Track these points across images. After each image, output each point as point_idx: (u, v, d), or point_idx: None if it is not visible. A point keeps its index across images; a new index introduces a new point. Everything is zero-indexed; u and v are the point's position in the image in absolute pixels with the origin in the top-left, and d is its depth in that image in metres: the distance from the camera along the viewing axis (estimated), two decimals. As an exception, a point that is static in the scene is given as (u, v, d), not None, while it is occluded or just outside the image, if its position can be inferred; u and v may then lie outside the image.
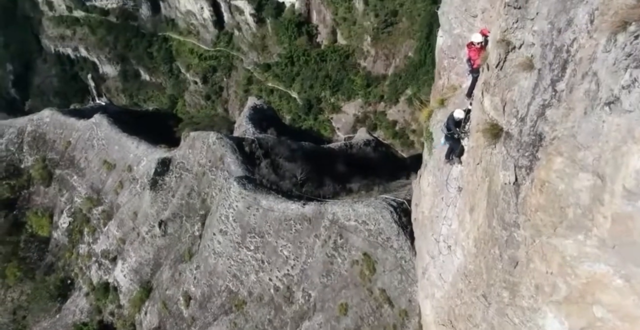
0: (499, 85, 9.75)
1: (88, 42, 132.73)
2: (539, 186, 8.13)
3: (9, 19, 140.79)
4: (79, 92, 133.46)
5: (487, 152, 10.53)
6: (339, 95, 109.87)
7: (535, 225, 8.39)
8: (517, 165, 8.89)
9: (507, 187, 9.23)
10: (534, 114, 8.32)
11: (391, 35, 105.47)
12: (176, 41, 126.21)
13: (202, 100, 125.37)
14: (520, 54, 8.95)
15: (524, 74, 8.73)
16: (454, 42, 16.59)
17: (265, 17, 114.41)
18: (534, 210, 8.31)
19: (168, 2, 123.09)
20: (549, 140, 7.89)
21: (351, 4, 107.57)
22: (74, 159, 52.72)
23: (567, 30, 7.53)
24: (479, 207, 11.16)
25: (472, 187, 11.90)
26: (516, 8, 8.98)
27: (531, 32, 8.54)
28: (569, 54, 7.47)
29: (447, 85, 17.07)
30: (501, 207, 9.50)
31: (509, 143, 9.18)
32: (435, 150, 17.45)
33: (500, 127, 9.78)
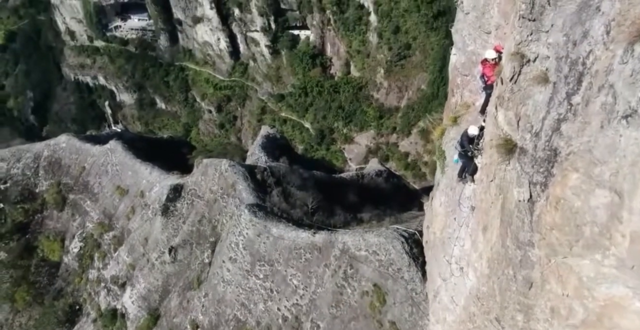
0: (513, 99, 9.58)
1: (107, 70, 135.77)
2: (554, 203, 7.87)
3: (32, 49, 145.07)
4: (95, 119, 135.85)
5: (500, 169, 10.31)
6: (352, 126, 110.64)
7: (550, 244, 8.15)
8: (531, 182, 8.64)
9: (521, 205, 8.98)
10: (548, 128, 8.12)
11: (404, 68, 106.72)
12: (192, 71, 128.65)
13: (216, 129, 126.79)
14: (535, 67, 8.77)
15: (538, 88, 8.56)
16: (468, 59, 16.48)
17: (281, 48, 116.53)
18: (549, 228, 8.07)
19: (186, 33, 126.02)
20: (564, 155, 7.69)
21: (365, 37, 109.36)
22: (88, 184, 53.24)
23: (582, 42, 7.39)
24: (492, 226, 10.88)
25: (485, 206, 11.63)
26: (531, 20, 8.84)
27: (546, 44, 8.40)
28: (585, 67, 7.32)
29: (460, 103, 16.93)
30: (515, 226, 9.24)
31: (523, 159, 8.95)
32: (447, 169, 17.24)
33: (514, 143, 9.55)
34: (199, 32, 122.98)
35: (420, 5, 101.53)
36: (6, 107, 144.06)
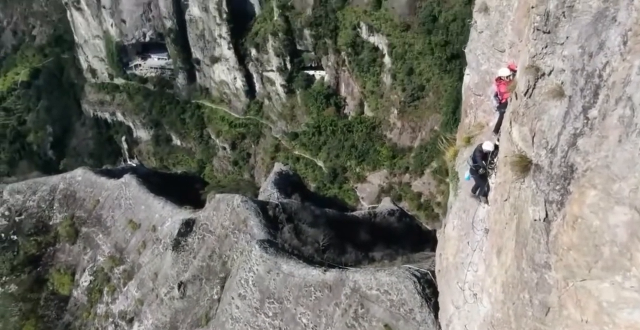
0: (528, 114, 9.31)
1: (125, 107, 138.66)
2: (571, 222, 7.55)
3: (54, 86, 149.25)
4: (112, 154, 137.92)
5: (515, 187, 9.96)
6: (364, 165, 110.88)
7: (568, 266, 7.76)
8: (547, 200, 8.30)
9: (537, 224, 8.61)
10: (564, 144, 7.87)
11: (417, 109, 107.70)
12: (208, 109, 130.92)
13: (230, 165, 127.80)
14: (550, 81, 8.50)
15: (553, 102, 8.27)
16: (481, 78, 16.26)
17: (295, 88, 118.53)
18: (566, 249, 7.67)
19: (204, 72, 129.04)
20: (581, 171, 7.41)
21: (379, 78, 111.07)
22: (101, 218, 53.58)
23: (598, 54, 7.20)
24: (506, 247, 10.51)
25: (500, 227, 11.24)
26: (545, 32, 8.58)
27: (561, 57, 8.21)
28: (601, 79, 7.11)
29: (473, 124, 16.59)
30: (531, 247, 8.86)
31: (539, 176, 8.62)
32: (460, 191, 16.84)
33: (529, 160, 9.18)
34: (216, 71, 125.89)
35: (435, 48, 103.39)
36: (26, 141, 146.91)
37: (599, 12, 7.28)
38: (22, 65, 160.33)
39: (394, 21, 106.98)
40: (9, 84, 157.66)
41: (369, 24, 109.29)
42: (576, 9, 7.73)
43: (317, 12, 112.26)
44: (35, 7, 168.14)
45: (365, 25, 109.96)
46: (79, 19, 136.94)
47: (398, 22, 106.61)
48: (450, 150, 18.37)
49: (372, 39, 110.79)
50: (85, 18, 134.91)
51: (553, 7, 8.23)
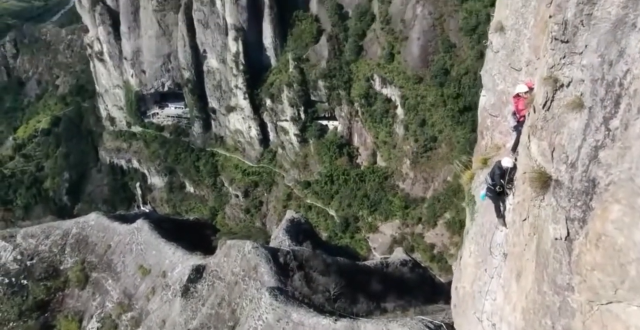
0: (547, 128, 8.98)
1: (141, 154, 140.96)
2: (594, 240, 7.14)
3: (74, 133, 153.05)
4: (125, 200, 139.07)
5: (534, 205, 9.48)
6: (377, 215, 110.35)
7: (592, 288, 7.28)
8: (568, 218, 7.85)
9: (558, 244, 8.17)
10: (585, 157, 7.52)
11: (430, 160, 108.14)
12: (222, 156, 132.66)
13: (242, 213, 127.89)
14: (569, 92, 8.29)
15: (573, 115, 8.00)
16: (498, 99, 16.00)
17: (309, 137, 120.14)
18: (590, 269, 7.24)
19: (219, 121, 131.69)
20: (603, 186, 7.02)
21: (392, 129, 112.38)
22: (112, 263, 53.39)
23: (619, 62, 6.94)
24: (526, 270, 9.94)
25: (519, 250, 10.71)
26: (563, 42, 8.39)
27: (580, 67, 7.95)
28: (622, 88, 6.82)
29: (490, 145, 16.24)
30: (552, 268, 8.35)
31: (559, 192, 8.24)
32: (477, 215, 16.30)
33: (548, 175, 8.81)
34: (232, 120, 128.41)
35: (447, 100, 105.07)
36: (42, 187, 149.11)
37: (618, 19, 7.12)
38: (44, 114, 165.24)
39: (407, 74, 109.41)
40: (31, 131, 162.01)
41: (382, 76, 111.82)
42: (595, 17, 7.55)
43: (331, 65, 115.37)
44: (60, 59, 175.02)
45: (379, 77, 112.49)
46: (101, 70, 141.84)
47: (411, 74, 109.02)
48: (467, 173, 17.95)
49: (385, 91, 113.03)
50: (107, 69, 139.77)
51: (571, 16, 8.07)
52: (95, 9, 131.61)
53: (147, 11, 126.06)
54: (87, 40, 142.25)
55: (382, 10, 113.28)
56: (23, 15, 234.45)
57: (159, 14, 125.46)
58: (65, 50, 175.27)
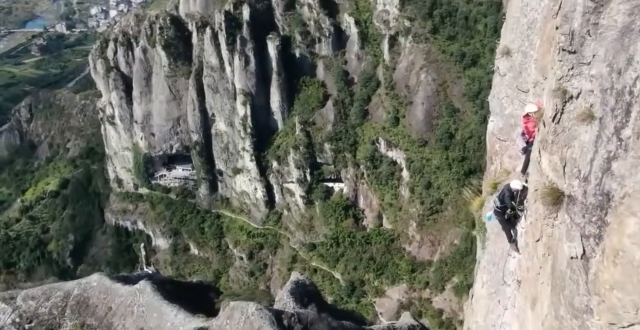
0: (557, 142, 8.72)
1: (147, 216, 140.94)
2: (611, 257, 6.73)
3: (81, 195, 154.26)
4: (129, 262, 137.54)
5: (547, 224, 9.10)
6: (383, 278, 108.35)
7: (612, 308, 6.81)
8: (583, 235, 7.48)
9: (574, 263, 7.77)
10: (598, 170, 7.28)
11: (436, 222, 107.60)
12: (228, 218, 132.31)
13: (246, 276, 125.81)
14: (579, 104, 8.01)
15: (584, 127, 7.72)
16: (506, 123, 15.77)
17: (315, 199, 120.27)
18: (609, 288, 6.78)
19: (225, 182, 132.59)
20: (618, 199, 6.75)
21: (397, 191, 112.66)
22: (112, 326, 52.02)
23: (627, 70, 6.82)
24: (542, 295, 9.39)
25: (533, 275, 10.19)
26: (571, 52, 8.24)
27: (588, 78, 7.82)
28: (632, 96, 6.69)
29: (499, 170, 15.92)
30: (569, 290, 7.85)
31: (572, 208, 7.88)
32: (488, 243, 15.77)
33: (561, 191, 8.46)
34: (238, 182, 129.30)
35: (452, 163, 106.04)
36: (46, 249, 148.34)
37: (624, 26, 7.05)
38: (53, 176, 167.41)
39: (412, 137, 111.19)
40: (39, 193, 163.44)
41: (388, 139, 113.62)
42: (601, 25, 7.51)
43: (337, 128, 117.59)
44: (73, 123, 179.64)
45: (384, 141, 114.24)
46: (111, 133, 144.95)
47: (415, 138, 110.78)
48: (477, 200, 17.34)
49: (390, 154, 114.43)
50: (117, 132, 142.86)
51: (578, 26, 8.00)
52: (109, 75, 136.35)
53: (159, 77, 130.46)
54: (100, 104, 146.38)
55: (386, 77, 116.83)
56: (40, 82, 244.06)
57: (171, 80, 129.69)
58: (78, 115, 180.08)
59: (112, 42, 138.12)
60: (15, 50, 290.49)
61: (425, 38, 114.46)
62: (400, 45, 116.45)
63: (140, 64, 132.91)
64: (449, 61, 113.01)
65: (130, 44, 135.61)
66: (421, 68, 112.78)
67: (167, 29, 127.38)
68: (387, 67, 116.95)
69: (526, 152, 12.25)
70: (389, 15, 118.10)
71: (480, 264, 16.98)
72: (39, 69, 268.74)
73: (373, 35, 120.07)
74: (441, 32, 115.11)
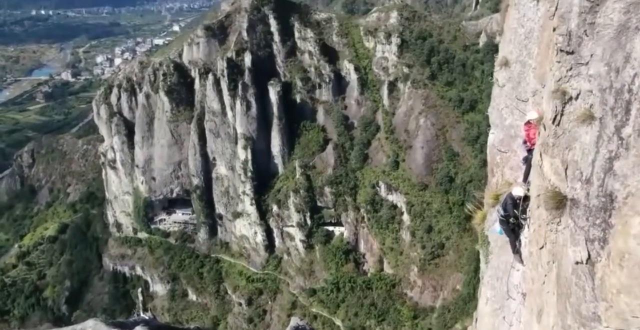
0: (558, 144, 8.65)
1: (145, 261, 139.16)
2: (617, 260, 6.62)
3: (79, 240, 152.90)
4: (125, 308, 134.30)
5: (551, 230, 8.94)
6: (385, 325, 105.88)
7: (619, 314, 6.59)
8: (588, 239, 7.40)
9: (579, 269, 7.57)
10: (600, 170, 7.21)
11: (438, 267, 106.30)
12: (227, 263, 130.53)
13: (245, 323, 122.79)
14: (578, 105, 8.08)
15: (584, 128, 7.78)
16: (506, 134, 15.72)
17: (315, 243, 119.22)
18: (616, 292, 6.65)
19: (225, 226, 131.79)
20: (621, 199, 6.64)
21: (398, 235, 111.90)
22: (105, 371, 50.51)
23: (625, 68, 6.82)
24: (548, 305, 9.11)
25: (538, 285, 9.91)
26: (569, 53, 8.26)
27: (587, 78, 7.82)
28: (631, 93, 6.67)
29: (501, 182, 15.74)
30: (575, 297, 7.64)
31: (576, 212, 7.82)
32: (492, 257, 15.43)
33: (563, 195, 8.36)
34: (238, 226, 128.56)
35: (452, 207, 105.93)
36: (42, 296, 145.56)
37: (621, 24, 7.08)
38: (52, 221, 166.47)
39: (412, 181, 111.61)
40: (37, 239, 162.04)
41: (388, 183, 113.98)
42: (598, 24, 7.54)
43: (337, 172, 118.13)
44: (74, 167, 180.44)
45: (384, 184, 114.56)
46: (112, 177, 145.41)
47: (416, 181, 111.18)
48: (479, 213, 17.04)
49: (390, 197, 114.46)
50: (118, 176, 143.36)
51: (575, 26, 8.06)
52: (112, 119, 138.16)
53: (162, 121, 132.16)
54: (102, 149, 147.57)
55: (386, 121, 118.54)
56: (44, 128, 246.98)
57: (172, 124, 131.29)
58: (80, 160, 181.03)
59: (116, 88, 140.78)
60: (21, 97, 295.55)
61: (424, 84, 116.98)
62: (399, 90, 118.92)
63: (143, 109, 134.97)
64: (448, 106, 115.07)
65: (134, 89, 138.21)
66: (420, 113, 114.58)
67: (170, 75, 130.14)
68: (387, 112, 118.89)
69: (527, 162, 12.22)
70: (388, 62, 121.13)
71: (483, 279, 16.66)
72: (43, 115, 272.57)
73: (372, 81, 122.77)
74: (439, 78, 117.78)
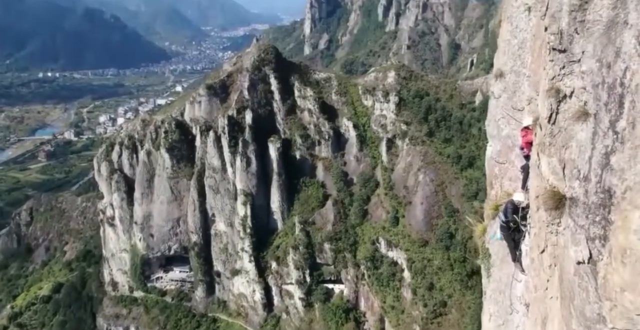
0: (555, 143, 8.70)
1: (140, 321, 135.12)
2: (619, 257, 6.55)
3: (74, 299, 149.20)
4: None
5: (551, 232, 8.90)
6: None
7: (625, 312, 6.46)
8: (588, 237, 7.36)
9: (581, 269, 7.49)
10: (597, 166, 7.25)
11: (441, 326, 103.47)
12: (224, 323, 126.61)
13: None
14: (573, 103, 8.20)
15: (579, 126, 7.88)
16: (504, 145, 15.86)
17: (314, 301, 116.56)
18: (619, 290, 6.55)
19: (223, 284, 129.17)
20: (620, 194, 6.64)
21: (399, 293, 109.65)
22: None
23: (616, 62, 6.93)
24: (551, 312, 8.96)
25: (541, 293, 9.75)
26: (561, 51, 8.41)
27: (580, 75, 7.96)
28: (624, 86, 6.75)
29: (500, 194, 15.74)
30: (579, 299, 7.52)
31: (575, 211, 7.82)
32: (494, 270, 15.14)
33: (562, 195, 8.38)
34: (236, 283, 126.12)
35: (454, 264, 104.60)
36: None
37: (610, 20, 7.25)
38: (47, 280, 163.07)
39: (412, 237, 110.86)
40: (30, 298, 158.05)
41: (388, 239, 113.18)
42: (588, 21, 7.71)
43: (337, 228, 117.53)
44: (72, 225, 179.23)
45: (384, 240, 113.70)
46: (110, 234, 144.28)
47: (416, 238, 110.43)
48: (479, 226, 17.10)
49: (391, 254, 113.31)
50: (116, 233, 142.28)
51: (565, 25, 8.25)
52: (112, 176, 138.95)
53: (162, 178, 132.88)
54: (101, 206, 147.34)
55: (385, 177, 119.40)
56: (43, 186, 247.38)
57: (173, 181, 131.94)
58: (78, 217, 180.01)
59: (117, 146, 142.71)
60: (23, 156, 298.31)
61: (422, 141, 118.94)
62: (398, 147, 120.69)
63: (144, 166, 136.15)
64: (446, 162, 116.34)
65: (135, 147, 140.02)
66: (419, 169, 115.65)
67: (171, 132, 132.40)
68: (386, 168, 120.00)
69: (525, 170, 12.39)
70: (386, 120, 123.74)
71: (486, 295, 16.43)
72: (44, 174, 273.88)
73: (371, 138, 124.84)
74: (437, 135, 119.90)
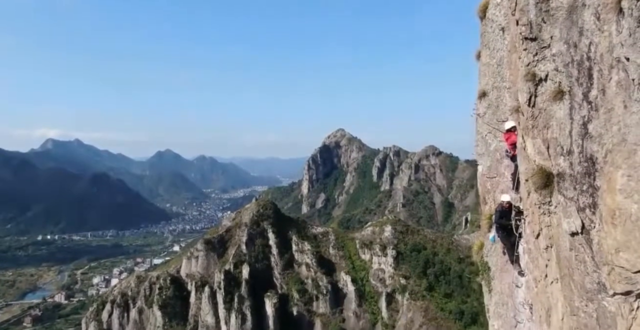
0: (537, 125, 9.20)
1: None
2: (609, 220, 6.66)
3: None
4: None
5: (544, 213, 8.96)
6: None
7: (623, 273, 6.59)
8: (579, 208, 7.52)
9: (576, 241, 7.52)
10: (577, 137, 7.62)
11: None
12: None
13: None
14: (549, 86, 8.69)
15: (557, 105, 8.34)
16: (493, 159, 16.10)
17: None
18: (614, 252, 6.67)
19: None
20: (602, 160, 6.92)
21: None
22: None
23: (581, 40, 7.47)
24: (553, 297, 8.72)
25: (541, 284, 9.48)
26: (533, 40, 9.01)
27: (551, 58, 8.52)
28: (590, 60, 7.21)
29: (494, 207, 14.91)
30: (578, 273, 7.65)
31: (563, 185, 8.12)
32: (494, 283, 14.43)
33: (549, 172, 8.73)
34: None
35: None
36: None
37: (570, 5, 7.87)
38: None
39: None
40: None
41: None
42: (552, 8, 8.35)
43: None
44: None
45: None
46: None
47: None
48: (476, 242, 17.30)
49: None
50: None
51: (533, 16, 8.90)
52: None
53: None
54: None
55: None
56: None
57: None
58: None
59: (109, 304, 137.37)
60: (7, 322, 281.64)
61: (422, 295, 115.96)
62: (398, 302, 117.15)
63: (134, 324, 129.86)
64: (449, 319, 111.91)
65: (127, 305, 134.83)
66: (421, 325, 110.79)
67: (166, 288, 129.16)
68: (386, 324, 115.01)
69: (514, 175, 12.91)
70: (385, 274, 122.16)
71: (489, 312, 16.00)
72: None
73: (370, 292, 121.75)
74: (437, 290, 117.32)
